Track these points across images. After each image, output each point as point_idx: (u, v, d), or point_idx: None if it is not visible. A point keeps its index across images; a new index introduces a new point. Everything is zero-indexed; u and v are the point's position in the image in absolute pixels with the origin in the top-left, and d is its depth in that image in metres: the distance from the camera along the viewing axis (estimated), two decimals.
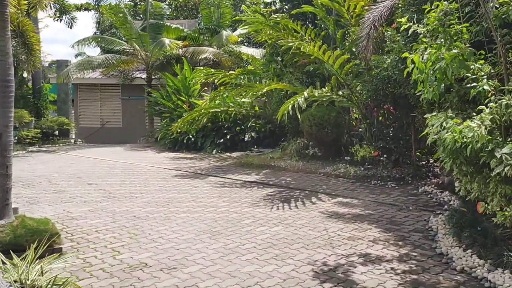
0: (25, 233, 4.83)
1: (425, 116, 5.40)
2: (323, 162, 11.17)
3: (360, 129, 11.05)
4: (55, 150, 16.90)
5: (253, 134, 14.95)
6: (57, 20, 26.73)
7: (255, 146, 14.86)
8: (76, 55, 33.37)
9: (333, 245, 5.42)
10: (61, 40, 78.93)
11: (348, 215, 6.89)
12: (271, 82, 11.94)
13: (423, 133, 5.41)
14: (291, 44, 9.50)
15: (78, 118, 22.15)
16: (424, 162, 10.20)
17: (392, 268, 4.69)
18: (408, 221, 6.53)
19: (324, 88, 10.16)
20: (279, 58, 14.46)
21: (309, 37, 10.46)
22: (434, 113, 5.21)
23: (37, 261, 3.94)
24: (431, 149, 8.53)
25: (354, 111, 11.84)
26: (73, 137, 21.67)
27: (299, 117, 9.62)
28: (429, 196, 8.04)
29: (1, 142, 4.97)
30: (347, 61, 10.39)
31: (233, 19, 21.51)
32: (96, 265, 4.72)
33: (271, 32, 10.62)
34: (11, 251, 4.19)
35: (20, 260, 3.87)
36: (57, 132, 20.27)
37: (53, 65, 31.82)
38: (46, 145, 18.24)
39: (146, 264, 4.77)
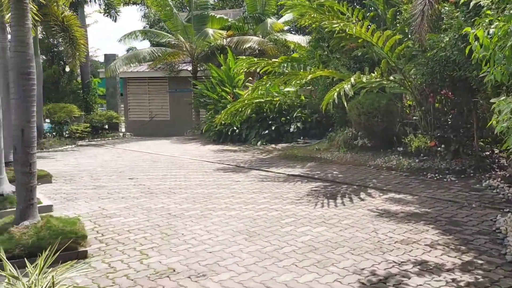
0: (49, 235, 4.57)
1: (491, 100, 4.62)
2: (373, 153, 10.40)
3: (414, 117, 10.16)
4: (103, 144, 17.12)
5: (298, 124, 14.34)
6: (107, 15, 27.26)
7: (301, 137, 14.25)
8: (128, 50, 33.98)
9: (383, 250, 4.79)
10: (115, 36, 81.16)
11: (401, 213, 6.19)
12: (316, 69, 11.25)
13: (491, 122, 4.62)
14: (335, 26, 8.79)
15: (127, 111, 22.41)
16: (488, 153, 9.21)
17: (453, 280, 4.01)
18: (471, 221, 5.74)
19: (373, 73, 9.37)
20: (325, 44, 13.71)
21: (356, 19, 9.68)
22: (502, 98, 4.42)
23: (53, 268, 3.63)
24: (496, 138, 7.60)
25: (407, 97, 10.93)
26: (123, 130, 21.97)
27: (345, 105, 8.93)
28: (494, 191, 7.15)
29: (23, 139, 4.73)
30: (398, 43, 9.53)
31: (278, 3, 20.83)
32: (120, 271, 4.38)
33: (315, 15, 9.93)
34: (25, 259, 3.91)
35: (34, 266, 3.56)
36: (106, 126, 20.61)
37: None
38: (95, 139, 18.55)
39: (174, 270, 4.37)
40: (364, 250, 4.79)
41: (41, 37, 18.95)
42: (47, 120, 17.97)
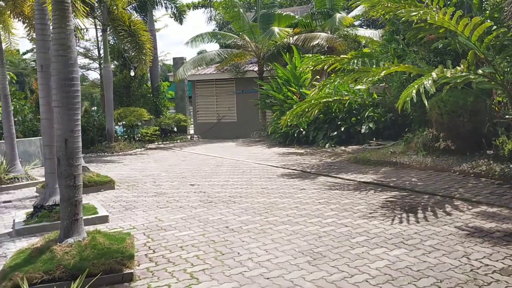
0: (93, 255, 4.19)
1: None
2: (458, 157, 9.21)
3: (506, 116, 8.85)
4: (171, 147, 17.16)
5: (370, 125, 13.31)
6: (176, 20, 27.71)
7: (374, 139, 13.21)
8: (198, 53, 34.47)
9: (478, 283, 3.88)
10: (185, 39, 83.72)
11: (496, 232, 5.17)
12: (391, 65, 10.22)
13: None
14: (414, 15, 7.78)
15: (196, 114, 22.50)
16: None
17: None
18: None
19: (458, 67, 8.23)
20: (400, 37, 12.59)
21: (437, 6, 8.57)
22: None
23: None
24: None
25: (497, 93, 9.59)
26: (191, 133, 22.08)
27: (426, 104, 7.91)
28: None
29: (66, 150, 4.40)
30: (487, 32, 8.30)
31: None
32: None
33: (388, 4, 8.95)
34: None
35: None
36: (175, 128, 20.79)
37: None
38: (164, 142, 18.70)
39: None
40: (455, 283, 3.91)
41: (112, 43, 19.50)
42: (120, 124, 18.41)
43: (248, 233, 5.60)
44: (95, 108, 28.29)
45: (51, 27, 4.65)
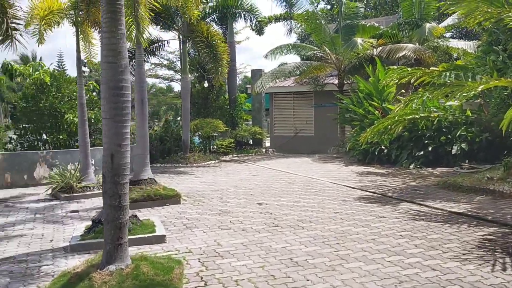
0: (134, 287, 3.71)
1: None
2: None
3: None
4: (245, 160, 16.79)
5: (463, 145, 11.88)
6: (257, 33, 27.63)
7: (466, 161, 11.76)
8: (279, 65, 34.27)
9: None
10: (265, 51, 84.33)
11: None
12: (489, 79, 8.93)
13: None
14: None
15: (272, 127, 22.06)
16: None
17: None
18: None
19: None
20: (501, 47, 11.14)
21: None
22: None
23: None
24: None
25: None
26: (267, 145, 21.65)
27: None
28: None
29: (112, 166, 4.00)
30: None
31: (439, 3, 18.30)
32: None
33: (489, 9, 7.77)
34: None
35: None
36: (250, 141, 20.48)
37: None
38: (238, 155, 18.42)
39: None
40: None
41: (193, 55, 19.74)
42: (196, 134, 18.46)
43: (315, 270, 4.86)
44: (179, 118, 29.01)
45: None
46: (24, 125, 13.01)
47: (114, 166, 4.03)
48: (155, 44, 15.74)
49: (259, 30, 26.97)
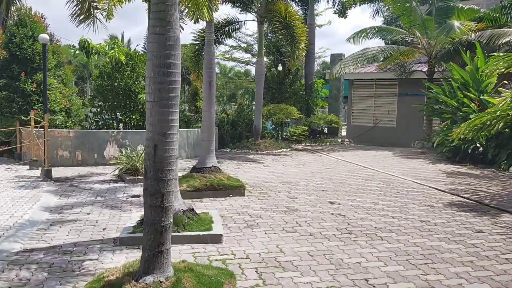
0: None
1: None
2: None
3: None
4: (318, 150, 15.81)
5: None
6: (341, 15, 26.15)
7: None
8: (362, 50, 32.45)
9: None
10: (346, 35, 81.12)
11: None
12: None
13: None
14: None
15: (350, 116, 20.78)
16: None
17: None
18: None
19: None
20: None
21: None
22: None
23: None
24: None
25: None
26: (343, 135, 20.46)
27: None
28: None
29: (155, 159, 3.34)
30: None
31: None
32: None
33: None
34: None
35: None
36: (325, 130, 19.41)
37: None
38: (312, 144, 17.47)
39: None
40: None
41: (270, 37, 18.95)
42: (270, 120, 17.78)
43: None
44: (254, 103, 28.57)
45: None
46: (100, 103, 13.06)
47: (157, 159, 3.37)
48: (231, 25, 15.14)
49: (342, 12, 25.51)
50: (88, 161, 10.73)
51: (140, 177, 9.11)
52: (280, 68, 15.78)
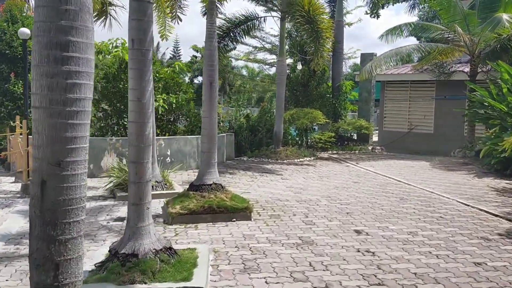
0: None
1: None
2: None
3: None
4: (346, 159, 14.22)
5: None
6: (374, 16, 24.53)
7: None
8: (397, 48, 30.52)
9: None
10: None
11: None
12: None
13: None
14: None
15: (382, 120, 19.08)
16: None
17: None
18: None
19: None
20: None
21: None
22: None
23: None
24: None
25: None
26: (373, 142, 18.76)
27: None
28: None
29: (42, 204, 1.98)
30: None
31: None
32: None
33: None
34: None
35: None
36: (354, 136, 17.78)
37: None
38: (339, 152, 15.89)
39: None
40: None
41: (294, 36, 17.52)
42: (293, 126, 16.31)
43: None
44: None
45: None
46: (104, 107, 11.96)
47: (47, 205, 2.04)
48: (250, 22, 13.79)
49: (374, 12, 23.92)
50: None
51: None
52: (299, 67, 14.23)
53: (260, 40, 21.77)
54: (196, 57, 32.39)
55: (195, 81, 52.08)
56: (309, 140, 16.25)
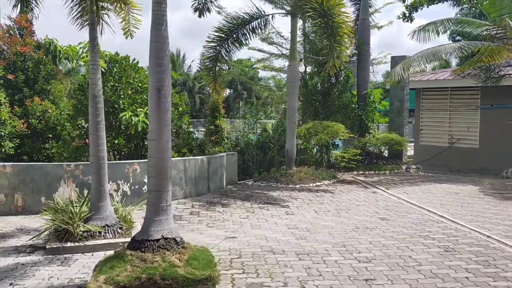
0: None
1: None
2: None
3: None
4: (374, 182, 11.74)
5: None
6: (407, 20, 22.17)
7: None
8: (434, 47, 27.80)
9: None
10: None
11: None
12: None
13: None
14: None
15: (418, 134, 16.50)
16: None
17: None
18: None
19: None
20: None
21: None
22: None
23: None
24: None
25: None
26: (408, 158, 16.14)
27: None
28: None
29: None
30: None
31: None
32: None
33: None
34: None
35: None
36: (385, 153, 15.23)
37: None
38: (366, 172, 13.41)
39: None
40: None
41: (312, 38, 15.23)
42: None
43: None
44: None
45: None
46: (81, 124, 10.05)
47: None
48: (255, 21, 11.64)
49: (408, 16, 21.78)
50: (33, 207, 7.56)
51: (69, 244, 5.76)
52: (302, 68, 11.69)
53: (278, 46, 19.61)
54: (222, 69, 30.76)
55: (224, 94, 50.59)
56: (330, 159, 13.85)
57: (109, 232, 6.00)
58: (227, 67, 31.90)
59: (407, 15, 22.23)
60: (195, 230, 6.87)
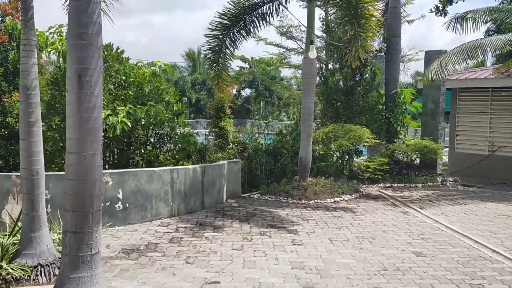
0: None
1: None
2: None
3: None
4: (404, 198, 9.86)
5: None
6: (441, 14, 20.27)
7: None
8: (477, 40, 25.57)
9: None
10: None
11: None
12: None
13: None
14: None
15: (454, 140, 14.52)
16: None
17: None
18: None
19: None
20: None
21: None
22: None
23: None
24: None
25: None
26: (443, 167, 14.13)
27: None
28: None
29: None
30: None
31: None
32: None
33: None
34: None
35: None
36: (416, 161, 13.26)
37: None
38: (395, 184, 11.52)
39: None
40: None
41: (334, 29, 13.38)
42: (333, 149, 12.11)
43: None
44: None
45: None
46: (55, 124, 8.58)
47: None
48: (266, 5, 9.96)
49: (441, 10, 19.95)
50: None
51: None
52: (313, 54, 9.64)
53: (297, 40, 17.88)
54: (243, 68, 29.12)
55: (243, 93, 48.83)
56: (353, 168, 12.01)
57: (43, 274, 4.39)
58: (248, 65, 30.29)
59: (440, 8, 20.29)
60: (167, 269, 5.21)
